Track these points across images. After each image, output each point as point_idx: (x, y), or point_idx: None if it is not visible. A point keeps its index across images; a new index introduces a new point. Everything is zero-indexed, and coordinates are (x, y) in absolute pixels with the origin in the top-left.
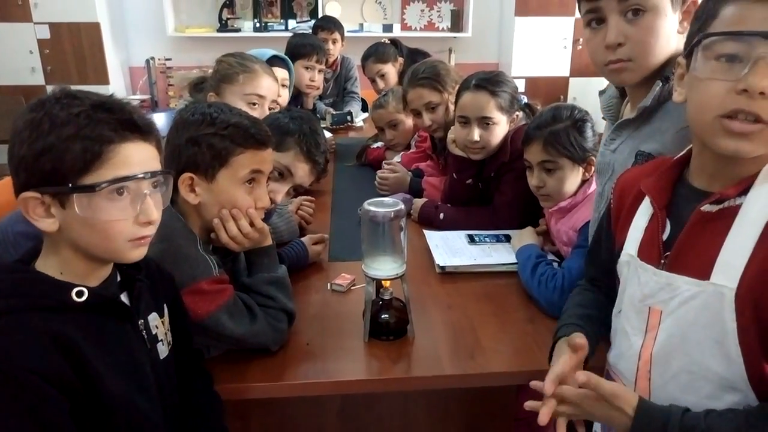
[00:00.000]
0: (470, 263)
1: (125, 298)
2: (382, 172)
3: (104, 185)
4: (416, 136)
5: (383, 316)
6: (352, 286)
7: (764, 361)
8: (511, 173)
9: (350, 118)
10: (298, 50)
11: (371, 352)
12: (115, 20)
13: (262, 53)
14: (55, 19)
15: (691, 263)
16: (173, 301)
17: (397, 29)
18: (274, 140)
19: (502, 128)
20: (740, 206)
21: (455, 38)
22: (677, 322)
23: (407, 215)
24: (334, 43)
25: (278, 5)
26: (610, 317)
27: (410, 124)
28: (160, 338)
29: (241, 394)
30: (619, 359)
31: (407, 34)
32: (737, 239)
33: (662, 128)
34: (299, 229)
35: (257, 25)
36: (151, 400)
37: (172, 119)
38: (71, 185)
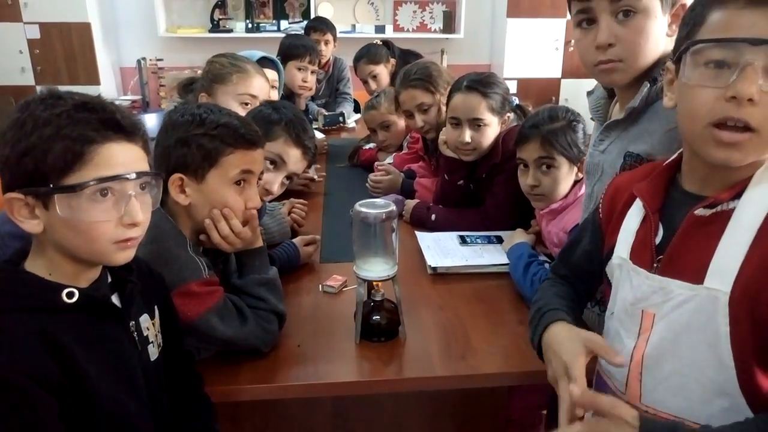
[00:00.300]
0: (462, 264)
1: (116, 299)
2: (375, 175)
3: (85, 185)
4: (408, 137)
5: (374, 317)
6: (343, 287)
7: (755, 365)
8: (502, 174)
9: (342, 119)
10: (290, 51)
11: (362, 353)
12: (105, 20)
13: (251, 55)
14: (45, 18)
15: (684, 267)
16: (163, 302)
17: (389, 30)
18: (264, 139)
19: (493, 130)
20: (733, 210)
21: (447, 39)
22: (670, 325)
23: (399, 216)
24: (326, 44)
25: (270, 6)
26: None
27: (402, 125)
28: (150, 340)
29: (231, 396)
30: None
31: (399, 35)
32: (731, 243)
33: (650, 129)
34: (291, 230)
35: (249, 25)
36: (140, 402)
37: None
38: (52, 186)
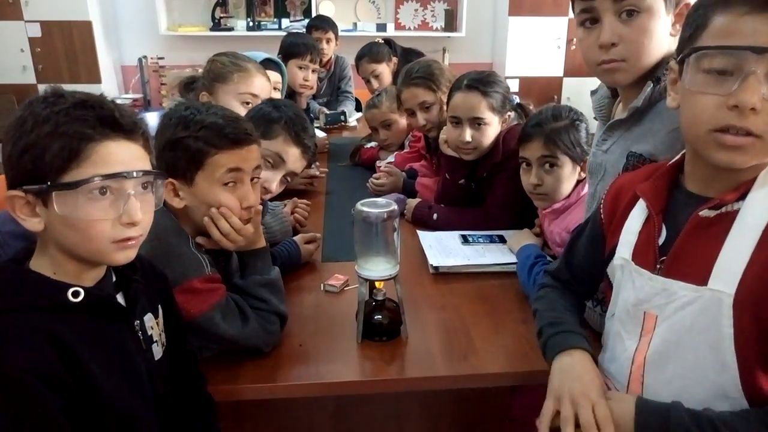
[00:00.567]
0: (464, 263)
1: (121, 298)
2: (377, 176)
3: (82, 183)
4: (410, 135)
5: (376, 317)
6: (345, 286)
7: (758, 368)
8: (503, 173)
9: (344, 117)
10: (291, 50)
11: (364, 353)
12: (107, 19)
13: (254, 56)
14: (46, 17)
15: (688, 269)
16: (167, 301)
17: (390, 29)
18: (256, 136)
19: (494, 129)
20: (738, 211)
21: (449, 38)
22: (673, 327)
23: (401, 216)
24: (328, 42)
25: (271, 4)
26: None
27: (404, 124)
28: (155, 339)
29: (234, 395)
30: (611, 362)
31: (401, 33)
32: (735, 245)
33: (654, 129)
34: (292, 229)
35: (250, 24)
36: (145, 401)
37: None
38: (50, 183)
